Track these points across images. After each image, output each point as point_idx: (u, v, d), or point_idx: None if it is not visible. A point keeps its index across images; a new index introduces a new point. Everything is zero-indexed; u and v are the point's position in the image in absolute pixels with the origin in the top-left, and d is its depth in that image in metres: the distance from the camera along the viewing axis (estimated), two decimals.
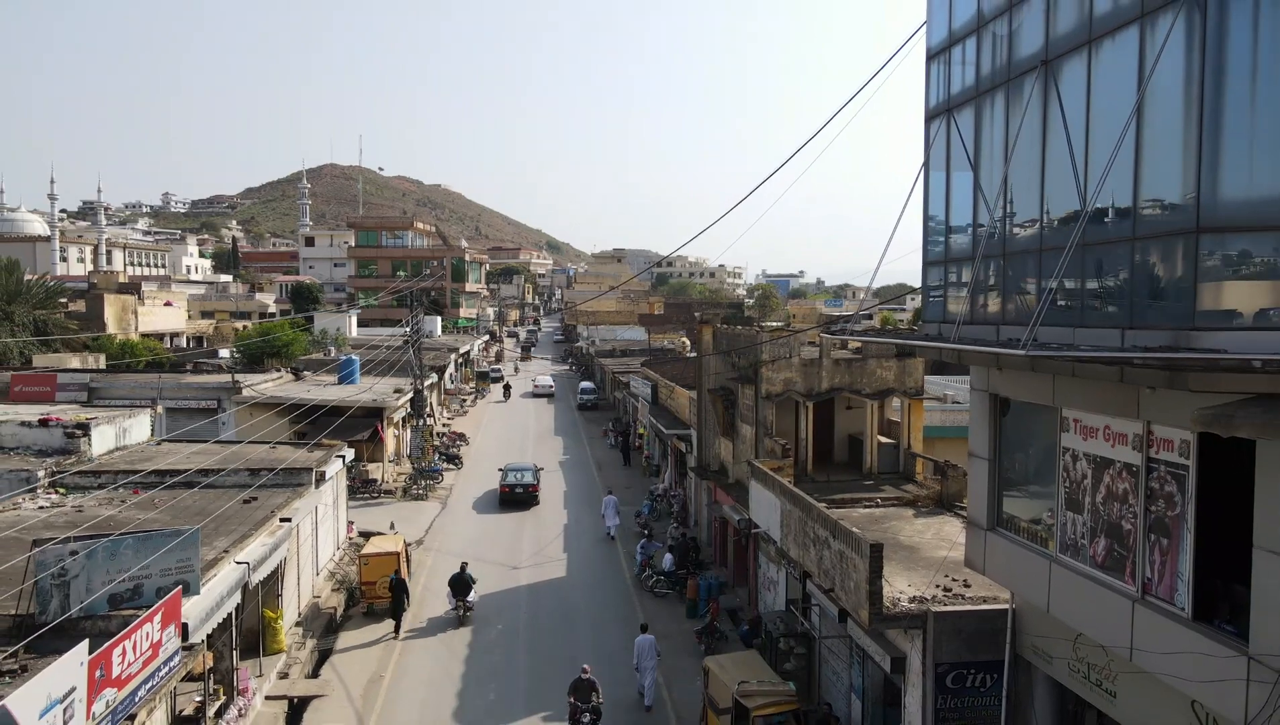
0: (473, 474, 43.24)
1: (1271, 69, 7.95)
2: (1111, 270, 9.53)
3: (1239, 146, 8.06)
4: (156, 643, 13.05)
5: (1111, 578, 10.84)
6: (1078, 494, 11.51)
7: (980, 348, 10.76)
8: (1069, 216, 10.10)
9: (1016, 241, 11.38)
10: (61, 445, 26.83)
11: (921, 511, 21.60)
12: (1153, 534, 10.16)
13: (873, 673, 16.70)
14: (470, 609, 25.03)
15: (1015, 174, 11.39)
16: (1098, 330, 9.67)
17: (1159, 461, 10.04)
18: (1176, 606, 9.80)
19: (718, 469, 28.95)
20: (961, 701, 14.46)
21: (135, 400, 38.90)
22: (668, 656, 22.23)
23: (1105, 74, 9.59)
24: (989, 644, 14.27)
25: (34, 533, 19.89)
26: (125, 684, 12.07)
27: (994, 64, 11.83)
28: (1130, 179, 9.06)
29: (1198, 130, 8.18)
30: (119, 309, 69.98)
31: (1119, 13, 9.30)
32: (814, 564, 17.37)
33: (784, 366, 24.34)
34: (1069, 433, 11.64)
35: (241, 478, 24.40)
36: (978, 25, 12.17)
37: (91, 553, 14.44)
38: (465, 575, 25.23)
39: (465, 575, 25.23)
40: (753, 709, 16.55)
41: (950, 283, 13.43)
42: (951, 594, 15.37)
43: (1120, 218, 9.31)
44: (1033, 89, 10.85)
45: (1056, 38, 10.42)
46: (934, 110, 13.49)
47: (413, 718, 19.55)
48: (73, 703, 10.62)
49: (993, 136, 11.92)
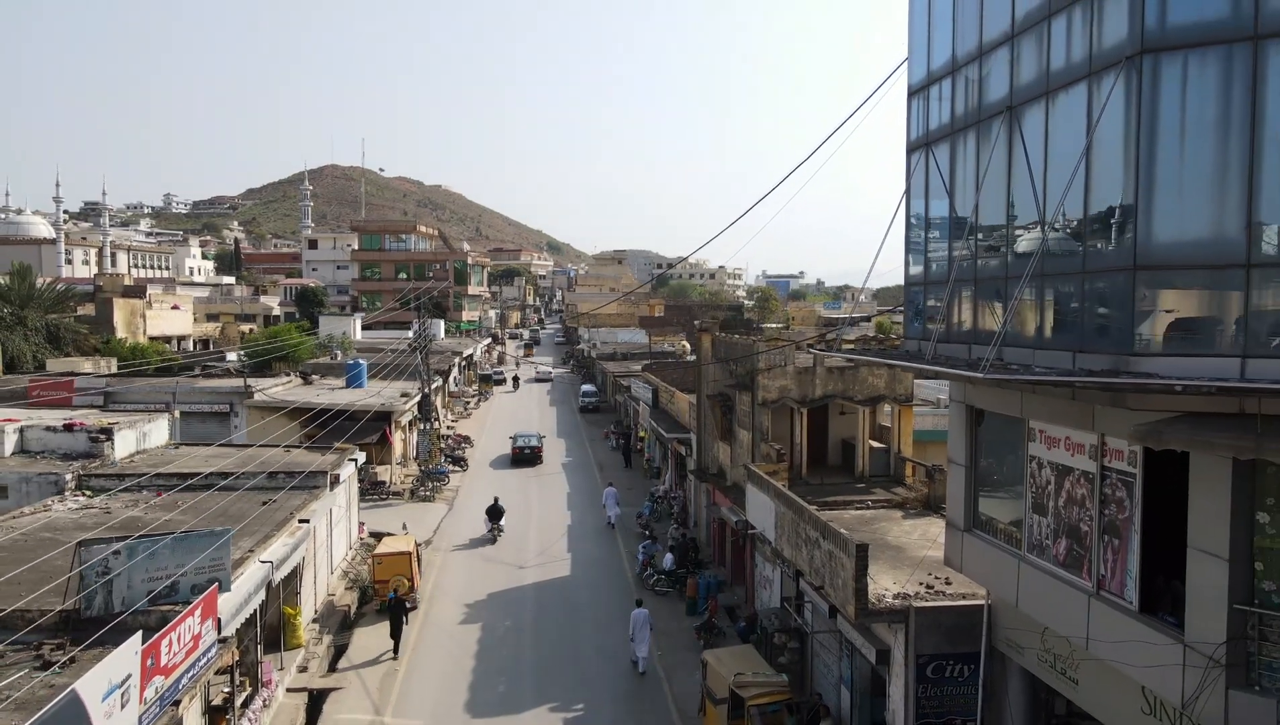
0: (478, 476, 44.34)
1: (1198, 127, 9.04)
2: (1065, 299, 10.63)
3: (1169, 194, 9.16)
4: (197, 635, 14.15)
5: (1071, 575, 11.93)
6: (1042, 498, 12.61)
7: (946, 369, 11.86)
8: (1029, 249, 11.20)
9: (986, 268, 12.48)
10: (86, 449, 27.92)
11: (909, 513, 22.67)
12: (1106, 535, 11.26)
13: (860, 665, 17.78)
14: (501, 531, 33.79)
15: (985, 206, 12.49)
16: (1054, 352, 10.77)
17: (1111, 470, 11.13)
18: (1126, 600, 10.89)
19: (716, 472, 30.04)
20: (941, 691, 15.55)
21: (150, 404, 40.06)
22: (669, 652, 23.36)
23: (1060, 122, 10.69)
24: (967, 637, 15.35)
25: (66, 533, 21.07)
26: (171, 672, 13.17)
27: (967, 105, 12.93)
28: (1081, 219, 10.16)
29: (1135, 178, 9.28)
30: (128, 313, 71.04)
31: (1071, 70, 10.40)
32: (806, 563, 18.46)
33: (779, 374, 25.42)
34: (1035, 442, 12.73)
35: (259, 481, 25.47)
36: (953, 69, 13.27)
37: (133, 552, 15.54)
38: (498, 505, 34.47)
39: (498, 505, 34.47)
40: (748, 699, 17.64)
41: (929, 302, 14.52)
42: (933, 591, 16.45)
43: (1072, 253, 10.41)
44: (999, 131, 11.95)
45: (1020, 87, 11.52)
46: (914, 143, 14.59)
47: (426, 709, 20.64)
48: (129, 688, 11.71)
49: (965, 171, 13.01)
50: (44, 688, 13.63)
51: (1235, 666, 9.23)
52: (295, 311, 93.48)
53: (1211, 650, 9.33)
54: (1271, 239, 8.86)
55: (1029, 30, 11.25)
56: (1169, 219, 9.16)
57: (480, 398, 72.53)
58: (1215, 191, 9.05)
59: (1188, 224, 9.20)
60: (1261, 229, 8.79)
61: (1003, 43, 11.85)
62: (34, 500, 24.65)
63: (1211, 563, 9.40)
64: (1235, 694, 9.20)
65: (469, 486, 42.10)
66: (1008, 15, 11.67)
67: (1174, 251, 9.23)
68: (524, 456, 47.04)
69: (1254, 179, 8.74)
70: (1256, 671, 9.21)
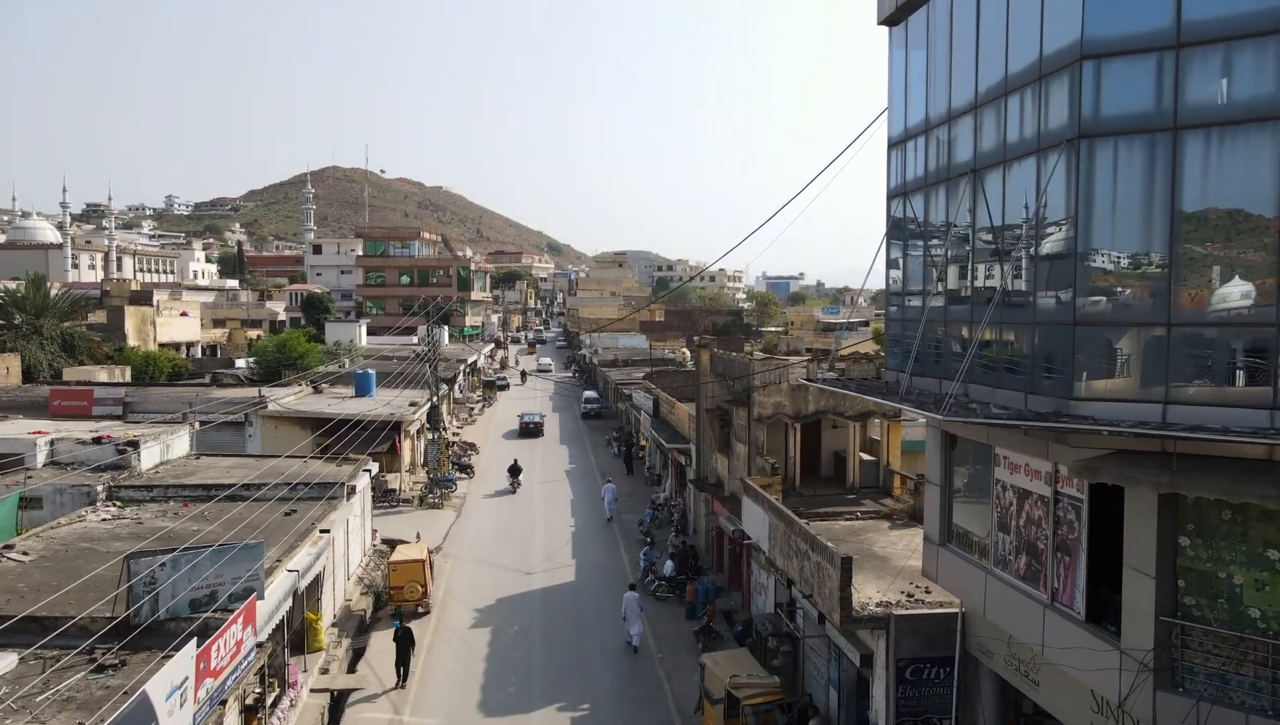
0: (485, 482, 45.72)
1: (1126, 202, 10.42)
2: (1019, 346, 12.02)
3: (1103, 258, 10.54)
4: (239, 641, 15.53)
5: (1030, 587, 13.32)
6: (1006, 518, 13.99)
7: (914, 409, 13.23)
8: (988, 298, 12.59)
9: (954, 312, 13.86)
10: (114, 461, 29.27)
11: (896, 524, 24.01)
12: (1059, 553, 12.64)
13: (847, 668, 19.14)
14: (520, 485, 44.08)
15: (953, 255, 13.87)
16: (1011, 392, 12.16)
17: (1063, 495, 12.50)
18: (1075, 611, 12.27)
19: (715, 482, 31.41)
20: (919, 692, 16.89)
21: (168, 414, 41.35)
22: (669, 655, 24.74)
23: (1014, 188, 12.07)
24: (943, 642, 16.68)
25: (103, 543, 22.48)
26: (219, 675, 14.55)
27: (938, 162, 14.32)
28: (1030, 275, 11.54)
29: (1074, 243, 10.67)
30: (138, 320, 72.31)
31: (1024, 144, 11.79)
32: (797, 572, 19.82)
33: (774, 391, 26.79)
34: (1000, 467, 14.11)
35: (280, 491, 26.81)
36: (926, 129, 14.66)
37: (177, 563, 16.89)
38: (517, 464, 45.13)
39: (517, 464, 45.13)
40: (743, 700, 19.02)
41: (907, 337, 15.90)
42: (913, 599, 17.79)
43: (1024, 305, 11.80)
44: (965, 189, 13.34)
45: (982, 152, 12.91)
46: (893, 191, 15.97)
47: (442, 709, 22.01)
48: (186, 689, 13.08)
49: (937, 221, 14.39)
50: (100, 689, 15.01)
51: (1162, 671, 10.60)
52: (301, 317, 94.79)
53: (1142, 656, 10.71)
54: (1190, 295, 10.23)
55: (989, 104, 12.63)
56: (1104, 280, 10.53)
57: (485, 404, 73.83)
58: (1142, 256, 10.43)
59: (1122, 285, 10.57)
60: (1180, 291, 10.17)
61: (968, 111, 13.24)
62: (68, 511, 25.98)
63: (1142, 579, 10.77)
64: (1162, 695, 10.58)
65: (476, 493, 43.49)
66: (971, 88, 13.05)
67: (1108, 310, 10.61)
68: (529, 430, 60.10)
69: (1173, 247, 10.12)
70: (1180, 675, 10.58)
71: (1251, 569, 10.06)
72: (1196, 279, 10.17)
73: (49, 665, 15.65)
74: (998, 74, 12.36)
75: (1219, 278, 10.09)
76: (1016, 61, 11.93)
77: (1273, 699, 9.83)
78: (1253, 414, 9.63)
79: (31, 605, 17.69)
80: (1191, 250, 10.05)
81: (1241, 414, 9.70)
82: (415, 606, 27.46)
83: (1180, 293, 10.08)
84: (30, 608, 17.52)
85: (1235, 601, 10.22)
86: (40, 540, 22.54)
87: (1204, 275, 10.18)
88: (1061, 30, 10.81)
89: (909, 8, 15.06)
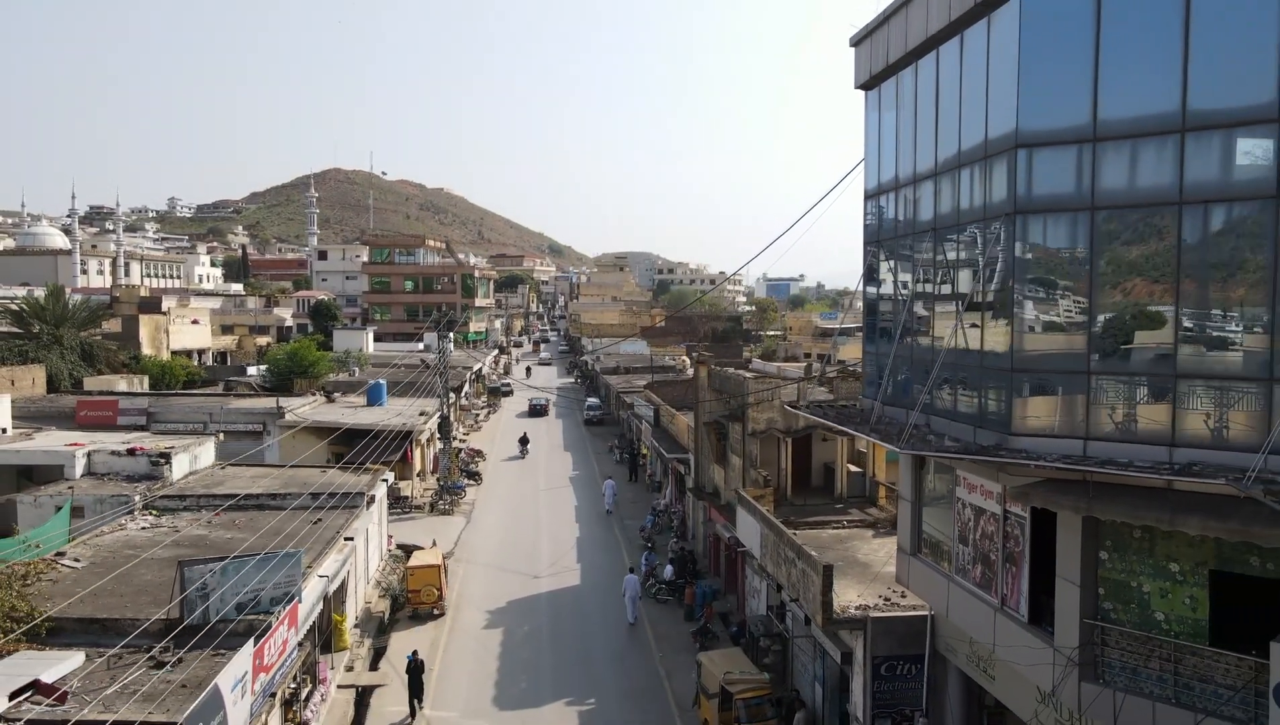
0: (492, 489, 47.61)
1: (1054, 269, 12.29)
2: (969, 386, 13.90)
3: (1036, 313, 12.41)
4: (285, 640, 17.41)
5: (984, 593, 15.19)
6: (965, 532, 15.86)
7: (878, 441, 15.11)
8: (945, 342, 14.48)
9: (919, 350, 15.75)
10: (147, 471, 31.13)
11: (880, 532, 25.87)
12: (1007, 563, 14.51)
13: (830, 665, 21.03)
14: (528, 453, 56.42)
15: (918, 302, 15.76)
16: (962, 425, 14.04)
17: (1011, 513, 14.38)
18: (1019, 614, 14.14)
19: (712, 491, 33.31)
20: (893, 686, 18.77)
21: (189, 423, 43.22)
22: (669, 654, 26.61)
23: (966, 249, 13.96)
24: (914, 642, 18.56)
25: (144, 549, 24.33)
26: (269, 670, 16.44)
27: (905, 217, 16.21)
28: (980, 328, 13.44)
29: (1011, 300, 12.55)
30: (152, 328, 74.08)
31: (973, 211, 13.68)
32: (785, 578, 21.71)
33: (767, 407, 28.69)
34: (960, 487, 15.98)
35: (304, 500, 28.67)
36: (896, 186, 16.55)
37: (226, 570, 18.77)
38: (525, 436, 58.40)
39: (525, 436, 58.40)
40: (735, 694, 20.90)
41: (882, 368, 17.78)
42: (890, 603, 19.68)
43: (973, 351, 13.69)
44: (927, 244, 15.22)
45: (940, 214, 14.80)
46: (869, 237, 17.86)
47: (459, 703, 23.90)
48: (245, 683, 14.97)
49: (904, 269, 16.28)
50: (161, 683, 16.86)
51: (1086, 665, 12.48)
52: (308, 323, 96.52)
53: (1069, 653, 12.59)
54: (1106, 349, 12.12)
55: (946, 172, 14.52)
56: (1036, 333, 12.42)
57: (490, 410, 75.66)
58: (1067, 313, 12.31)
59: (1049, 337, 12.46)
60: (1099, 342, 12.05)
61: (929, 176, 15.13)
62: (108, 520, 27.83)
63: (1070, 587, 12.65)
64: (1085, 685, 12.45)
65: (484, 499, 45.39)
66: (932, 156, 14.94)
67: (1039, 359, 12.50)
68: (536, 410, 75.04)
69: (1092, 307, 12.00)
70: (1101, 669, 12.46)
71: (1157, 579, 11.92)
72: (1111, 334, 12.04)
73: (113, 662, 17.56)
74: (953, 147, 14.23)
75: (1130, 334, 11.97)
76: (968, 139, 13.79)
77: (1174, 689, 11.68)
78: (1155, 450, 11.48)
79: (89, 609, 19.67)
80: (1107, 310, 11.93)
81: (1147, 450, 11.55)
82: (431, 608, 29.37)
83: (1097, 345, 11.96)
84: (91, 611, 19.53)
85: (1144, 607, 12.08)
86: (88, 548, 24.41)
87: (1118, 331, 12.06)
88: (1002, 120, 12.68)
89: (881, 77, 16.93)
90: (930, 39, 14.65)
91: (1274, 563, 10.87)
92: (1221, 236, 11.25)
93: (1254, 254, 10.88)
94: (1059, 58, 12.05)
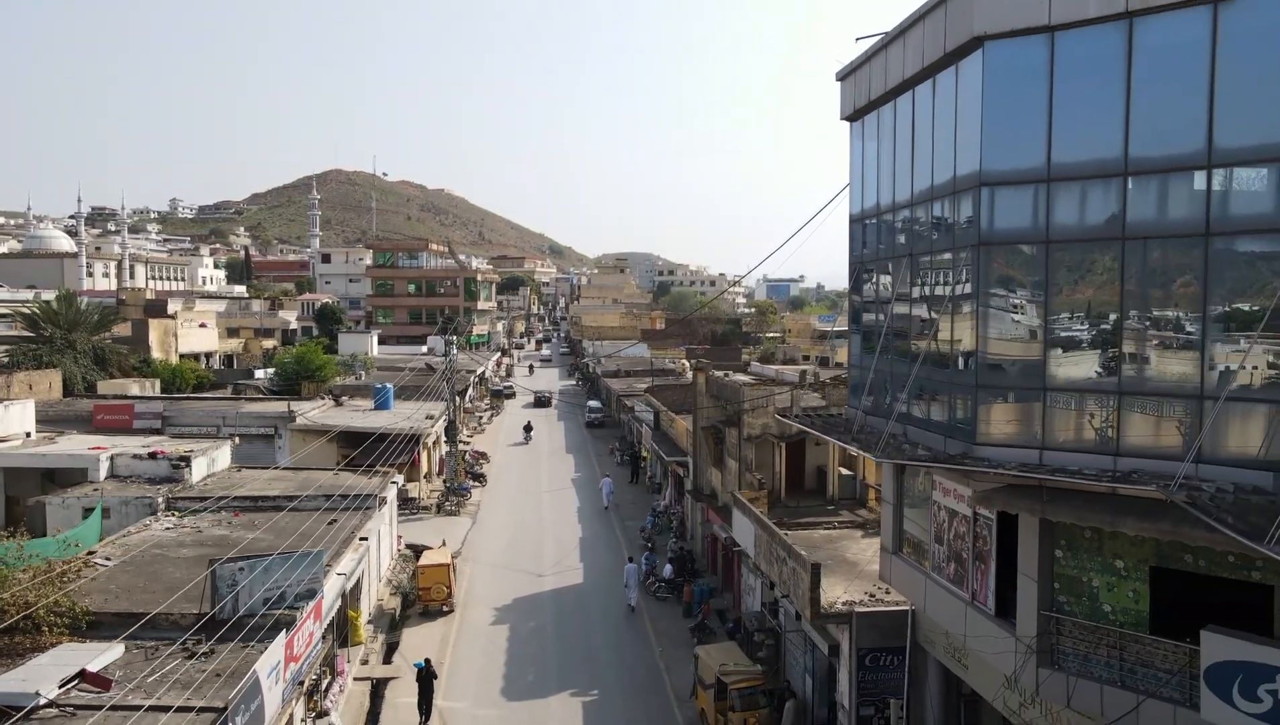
0: (496, 491, 48.97)
1: (1014, 293, 13.64)
2: (940, 400, 15.26)
3: (998, 335, 13.77)
4: (311, 633, 18.75)
5: (957, 589, 16.52)
6: (941, 532, 17.20)
7: (857, 447, 16.46)
8: (920, 358, 15.84)
9: (898, 365, 17.10)
10: (167, 474, 32.44)
11: (868, 533, 27.18)
12: (977, 561, 15.85)
13: (819, 658, 22.38)
14: (532, 438, 63.59)
15: (897, 319, 17.11)
16: (935, 434, 15.40)
17: (980, 514, 15.71)
18: (987, 608, 15.48)
19: (710, 493, 34.65)
20: (876, 676, 20.11)
21: (203, 427, 44.51)
22: (668, 648, 27.95)
23: (939, 274, 15.32)
24: (897, 634, 19.89)
25: (172, 549, 25.66)
26: (298, 660, 17.79)
27: (885, 242, 17.56)
28: (950, 345, 14.79)
29: (976, 324, 13.90)
30: (161, 332, 75.32)
31: (943, 241, 15.04)
32: (777, 576, 23.05)
33: (761, 413, 30.02)
34: (936, 491, 17.32)
35: (318, 502, 30.00)
36: (877, 212, 17.91)
37: (253, 567, 20.10)
38: (529, 423, 65.85)
39: (529, 423, 65.85)
40: (730, 684, 22.25)
41: (864, 380, 19.14)
42: (874, 599, 21.02)
43: (944, 367, 15.04)
44: (903, 268, 16.57)
45: (916, 242, 16.15)
46: (854, 261, 19.21)
47: (470, 694, 25.26)
48: (278, 671, 16.31)
49: (886, 290, 17.63)
50: (196, 672, 18.19)
51: (1043, 652, 13.82)
52: (313, 326, 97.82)
53: (1029, 641, 13.94)
54: (1059, 367, 13.49)
55: (921, 203, 15.88)
56: (998, 355, 13.77)
57: (493, 413, 76.96)
58: (1025, 335, 13.67)
59: (1010, 357, 13.82)
60: (1053, 361, 13.41)
61: (905, 206, 16.49)
62: (131, 520, 29.13)
63: (1029, 582, 14.01)
64: (1043, 671, 13.80)
65: (489, 500, 46.76)
66: (908, 188, 16.30)
67: (1001, 377, 13.85)
68: (540, 401, 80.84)
69: (1046, 328, 13.36)
70: (1056, 656, 13.81)
71: (1104, 575, 13.26)
72: (1064, 356, 13.40)
73: (149, 653, 18.91)
74: (926, 181, 15.57)
75: (1083, 355, 13.33)
76: (939, 174, 15.13)
77: (1120, 673, 13.02)
78: (1101, 459, 12.82)
79: (124, 604, 21.02)
80: (1059, 335, 13.28)
81: (1094, 458, 12.89)
82: (441, 605, 30.72)
83: (1052, 364, 13.31)
84: (127, 606, 20.86)
85: (1094, 600, 13.41)
86: (117, 547, 25.73)
87: (1073, 351, 13.41)
88: (968, 159, 14.02)
89: (864, 110, 18.28)
90: (906, 80, 15.99)
91: (1205, 560, 12.20)
92: (1159, 269, 12.61)
93: (1186, 287, 12.24)
94: (1017, 107, 13.40)
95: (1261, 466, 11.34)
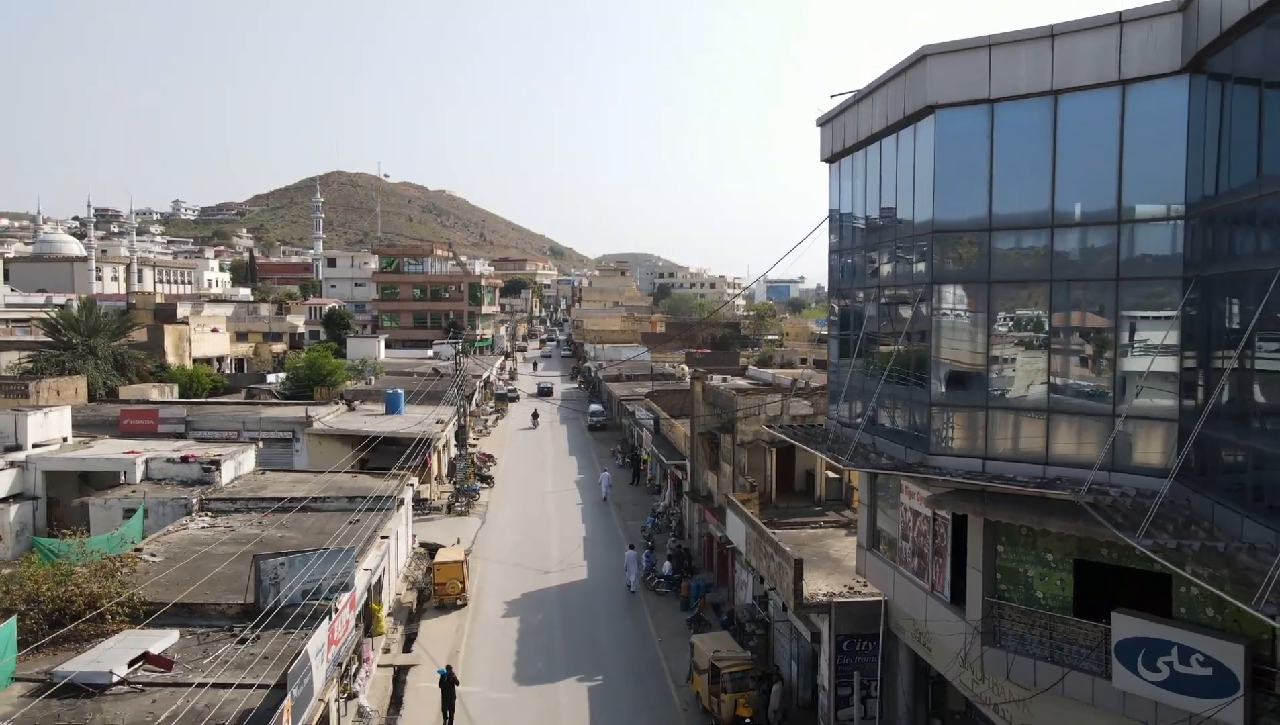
0: (503, 492, 51.23)
1: (964, 327, 15.91)
2: (902, 412, 17.52)
3: (949, 358, 16.04)
4: (348, 621, 21.00)
5: (919, 580, 18.76)
6: (907, 530, 19.44)
7: (829, 455, 18.71)
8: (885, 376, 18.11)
9: (868, 382, 19.36)
10: (199, 477, 34.68)
11: (851, 532, 29.40)
12: (935, 555, 18.09)
13: (803, 644, 24.62)
14: (538, 424, 70.86)
15: (868, 343, 19.37)
16: (897, 445, 17.66)
17: (938, 514, 17.95)
18: (944, 596, 17.72)
19: (706, 495, 36.90)
20: (853, 660, 22.34)
21: (224, 431, 46.68)
22: (667, 639, 30.19)
23: (901, 307, 17.57)
24: (871, 622, 22.10)
25: (209, 546, 27.83)
26: (336, 644, 20.03)
27: (860, 274, 19.81)
28: (914, 366, 17.06)
29: (932, 349, 16.16)
30: (175, 338, 77.58)
31: (901, 278, 17.30)
32: (766, 570, 25.29)
33: (754, 420, 32.27)
34: (903, 493, 19.55)
35: (341, 503, 32.22)
36: (852, 247, 20.16)
37: (292, 562, 22.33)
38: (536, 412, 75.36)
39: (536, 412, 75.36)
40: (722, 669, 24.49)
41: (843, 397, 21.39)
42: (852, 590, 23.26)
43: (904, 384, 17.30)
44: (875, 297, 18.82)
45: (881, 277, 18.40)
46: (832, 289, 21.47)
47: (485, 679, 27.51)
48: (321, 653, 18.56)
49: (859, 316, 19.87)
50: (246, 656, 20.38)
51: (987, 634, 16.07)
52: (320, 330, 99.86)
53: (975, 624, 16.19)
54: (1002, 388, 15.75)
55: (887, 244, 18.13)
56: (949, 375, 16.04)
57: (498, 415, 79.15)
58: (970, 358, 15.93)
59: (959, 378, 16.09)
60: (994, 381, 15.67)
61: (872, 247, 18.74)
62: (168, 520, 31.32)
63: (976, 574, 16.26)
64: (987, 650, 16.05)
65: (497, 501, 49.02)
66: (878, 227, 18.54)
67: (951, 396, 16.11)
68: (542, 391, 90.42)
69: (988, 354, 15.62)
70: (998, 637, 16.05)
71: (1037, 566, 15.50)
72: (1005, 377, 15.65)
73: (201, 639, 21.15)
74: (891, 222, 17.82)
75: (1021, 377, 15.58)
76: (902, 216, 17.36)
77: (1050, 650, 15.26)
78: (1033, 467, 15.06)
79: (175, 595, 23.23)
80: (1001, 358, 15.53)
81: (1027, 467, 15.13)
82: (455, 599, 32.97)
83: (993, 384, 15.57)
84: (178, 597, 23.06)
85: (1029, 588, 15.65)
86: (160, 544, 27.96)
87: (1010, 374, 15.67)
88: (923, 209, 16.28)
89: (840, 155, 20.55)
90: (875, 133, 18.23)
91: (1117, 553, 14.41)
92: (1078, 307, 14.87)
93: (1100, 322, 14.48)
94: (964, 166, 15.63)
95: (1158, 473, 13.59)
